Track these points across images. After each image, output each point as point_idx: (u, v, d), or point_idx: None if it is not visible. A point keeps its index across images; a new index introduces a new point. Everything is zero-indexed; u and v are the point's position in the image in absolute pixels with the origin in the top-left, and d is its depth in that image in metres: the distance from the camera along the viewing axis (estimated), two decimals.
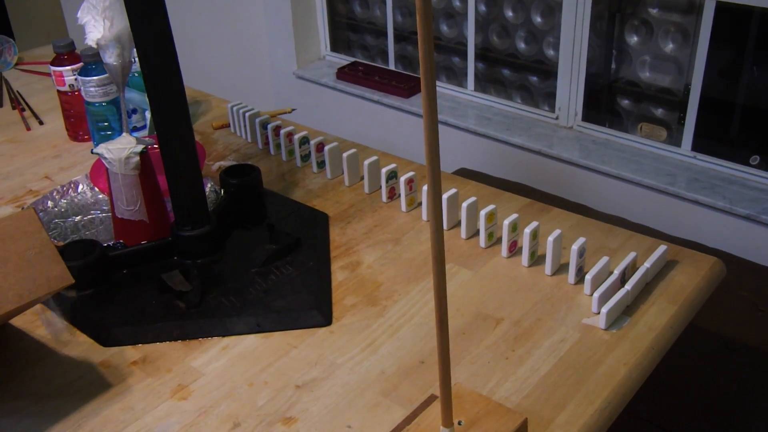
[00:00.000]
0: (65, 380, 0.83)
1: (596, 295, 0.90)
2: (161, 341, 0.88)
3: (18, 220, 0.76)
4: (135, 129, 1.39)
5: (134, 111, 1.40)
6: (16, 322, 0.92)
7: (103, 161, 0.95)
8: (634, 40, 2.06)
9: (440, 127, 2.35)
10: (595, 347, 0.85)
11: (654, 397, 1.25)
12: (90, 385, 0.82)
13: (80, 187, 1.18)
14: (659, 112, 2.08)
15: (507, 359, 0.84)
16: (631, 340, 0.86)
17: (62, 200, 1.16)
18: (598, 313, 0.89)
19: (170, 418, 0.78)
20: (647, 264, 0.95)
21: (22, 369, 0.85)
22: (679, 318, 0.91)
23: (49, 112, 1.53)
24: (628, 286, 0.91)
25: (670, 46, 1.99)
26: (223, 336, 0.89)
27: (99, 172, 1.15)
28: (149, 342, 0.88)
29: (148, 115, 1.38)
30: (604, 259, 0.94)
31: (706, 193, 1.84)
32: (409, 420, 0.74)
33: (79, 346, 0.88)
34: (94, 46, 0.93)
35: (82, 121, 1.38)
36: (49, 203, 1.14)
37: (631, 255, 0.95)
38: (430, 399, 0.78)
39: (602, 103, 2.18)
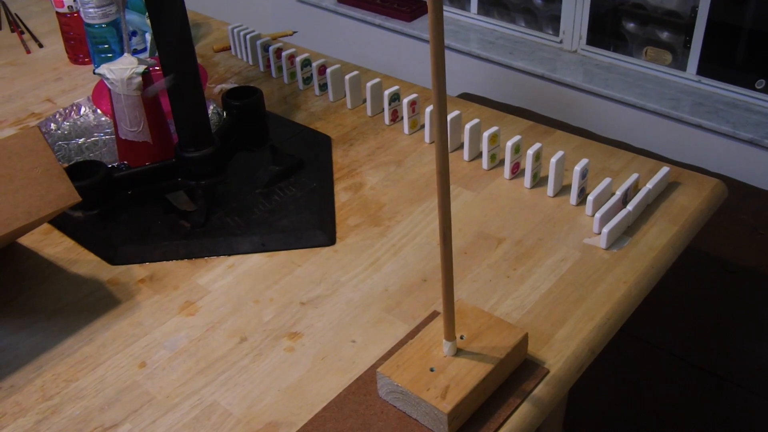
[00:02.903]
0: (75, 297, 0.85)
1: (598, 215, 0.90)
2: (168, 260, 0.89)
3: (23, 139, 0.76)
4: (135, 51, 1.38)
5: (134, 33, 1.39)
6: (24, 241, 0.93)
7: (105, 82, 0.95)
8: None
9: None
10: (596, 266, 0.86)
11: (654, 319, 1.28)
12: (99, 301, 0.84)
13: (83, 109, 1.18)
14: (665, 35, 2.05)
15: (508, 278, 0.85)
16: (631, 260, 0.87)
17: (65, 123, 1.15)
18: (599, 233, 0.90)
19: (179, 332, 0.80)
20: (649, 185, 0.95)
21: (31, 286, 0.87)
22: (679, 238, 0.92)
23: (48, 35, 1.51)
24: (629, 207, 0.92)
25: None
26: (229, 255, 0.90)
27: (101, 94, 1.14)
28: (156, 260, 0.89)
29: (148, 37, 1.37)
30: (606, 180, 0.95)
31: (709, 118, 1.83)
32: (412, 335, 0.76)
33: (87, 264, 0.90)
34: None
35: (83, 44, 1.36)
36: (52, 125, 1.14)
37: (634, 176, 0.95)
38: (433, 315, 0.79)
39: (607, 26, 2.15)
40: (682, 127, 1.89)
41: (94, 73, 0.95)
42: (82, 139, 1.12)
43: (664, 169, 0.98)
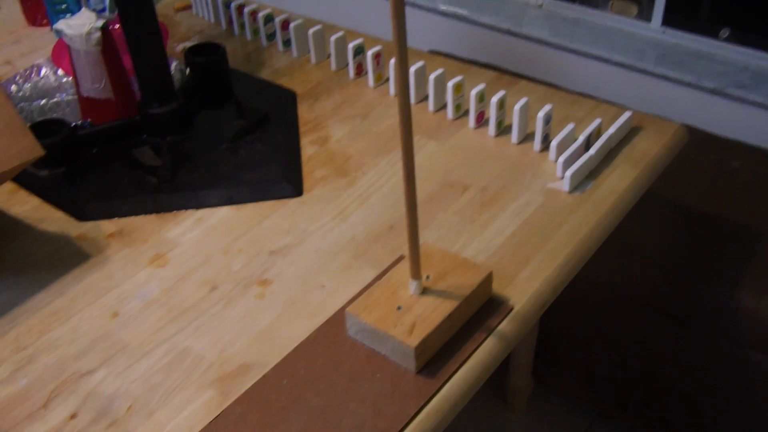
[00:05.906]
0: (44, 253, 0.85)
1: (561, 160, 0.92)
2: (136, 215, 0.90)
3: None
4: (95, 11, 1.36)
5: None
6: None
7: (64, 38, 0.94)
8: None
9: (408, 8, 2.31)
10: (559, 209, 0.88)
11: (615, 264, 1.30)
12: (69, 256, 0.84)
13: (43, 70, 1.16)
14: None
15: (473, 222, 0.87)
16: (593, 202, 0.89)
17: (26, 84, 1.14)
18: (563, 177, 0.91)
19: (150, 283, 0.80)
20: (612, 129, 0.97)
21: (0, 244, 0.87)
22: (640, 181, 0.94)
23: None
24: (592, 151, 0.93)
25: None
26: (197, 209, 0.91)
27: (61, 53, 1.13)
28: (124, 216, 0.89)
29: None
30: (570, 126, 0.96)
31: (674, 68, 1.85)
32: (379, 278, 0.77)
33: (55, 221, 0.90)
34: None
35: (40, 5, 1.34)
36: (13, 87, 1.13)
37: (596, 121, 0.97)
38: (400, 259, 0.81)
39: None
40: (647, 79, 1.91)
41: (52, 29, 0.94)
42: (44, 100, 1.11)
43: (626, 114, 1.00)
